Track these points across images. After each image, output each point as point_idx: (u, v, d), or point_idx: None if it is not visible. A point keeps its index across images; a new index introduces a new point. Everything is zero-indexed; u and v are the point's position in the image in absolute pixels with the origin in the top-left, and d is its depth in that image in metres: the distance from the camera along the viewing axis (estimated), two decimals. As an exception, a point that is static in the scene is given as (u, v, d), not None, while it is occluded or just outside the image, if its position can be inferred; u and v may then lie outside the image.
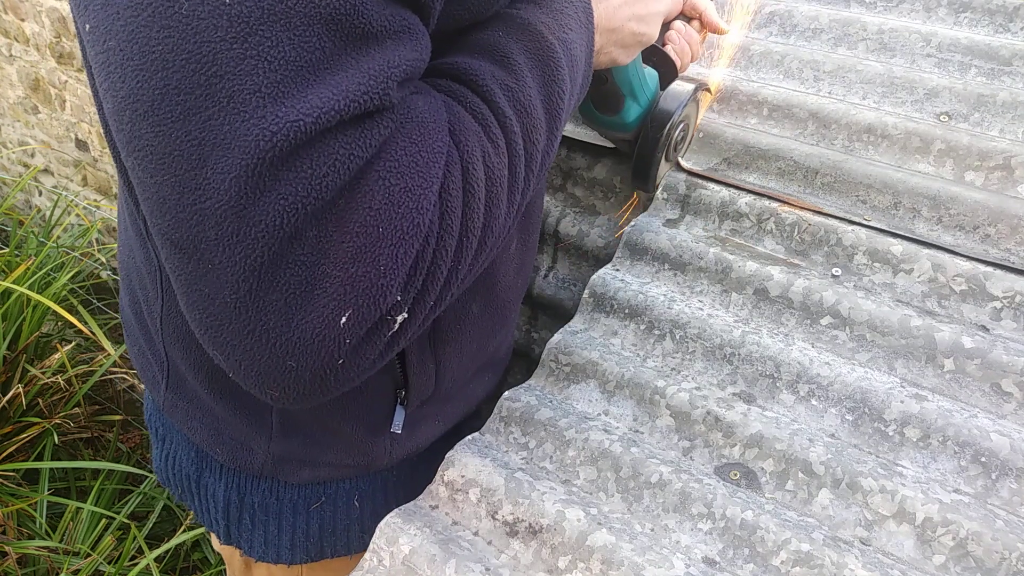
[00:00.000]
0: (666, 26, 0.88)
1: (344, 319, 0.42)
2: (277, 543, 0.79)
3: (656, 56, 0.87)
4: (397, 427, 0.73)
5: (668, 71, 0.87)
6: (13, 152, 3.21)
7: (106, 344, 2.00)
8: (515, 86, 0.51)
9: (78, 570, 1.72)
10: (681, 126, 0.86)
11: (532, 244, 0.80)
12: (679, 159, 0.92)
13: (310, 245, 0.41)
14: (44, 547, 1.79)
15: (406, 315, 0.45)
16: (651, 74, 0.84)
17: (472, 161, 0.47)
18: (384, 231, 0.42)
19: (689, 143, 0.93)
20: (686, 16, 0.88)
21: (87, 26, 0.41)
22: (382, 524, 0.67)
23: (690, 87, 0.84)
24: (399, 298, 0.44)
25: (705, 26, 0.89)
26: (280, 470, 0.74)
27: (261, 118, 0.38)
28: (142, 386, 2.32)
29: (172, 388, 0.75)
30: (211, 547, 1.98)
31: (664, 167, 0.90)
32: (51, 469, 2.03)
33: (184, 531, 1.86)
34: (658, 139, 0.83)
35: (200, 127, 0.39)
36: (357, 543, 0.82)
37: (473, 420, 0.93)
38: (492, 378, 0.86)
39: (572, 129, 0.99)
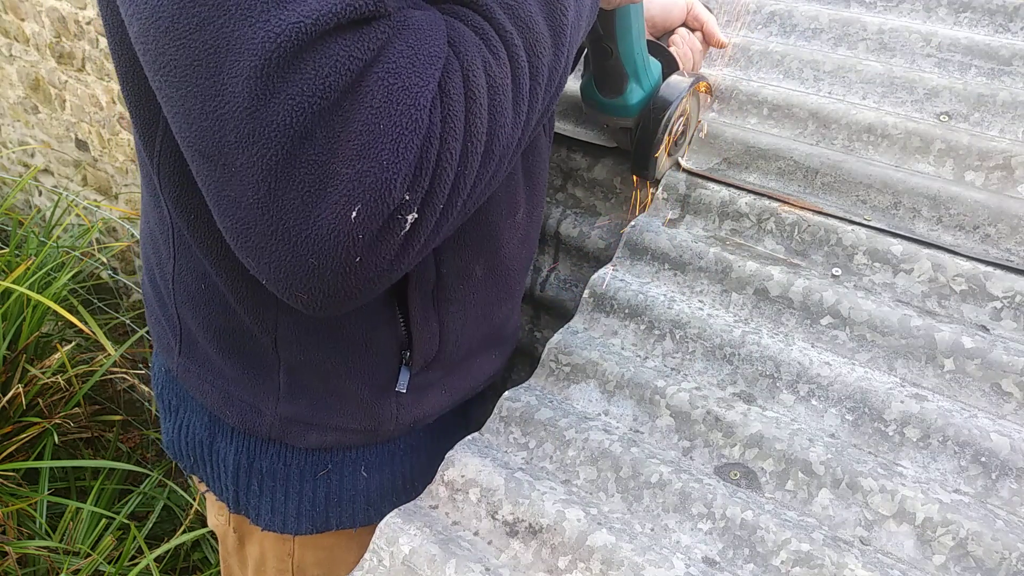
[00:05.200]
0: (670, 32, 0.91)
1: (355, 213, 0.45)
2: (284, 511, 0.80)
3: (661, 55, 0.88)
4: (402, 386, 0.75)
5: (671, 68, 0.89)
6: (13, 152, 3.21)
7: (106, 344, 2.00)
8: (513, 3, 0.53)
9: (78, 570, 1.72)
10: (681, 119, 0.87)
11: (537, 218, 0.81)
12: (679, 159, 0.92)
13: (319, 144, 0.44)
14: (44, 547, 1.79)
15: (416, 215, 0.48)
16: (655, 64, 0.86)
17: (472, 69, 0.49)
18: (385, 127, 0.45)
19: (690, 140, 0.93)
20: (689, 26, 0.90)
21: None
22: (382, 524, 0.67)
23: (689, 79, 0.86)
24: (407, 196, 0.47)
25: (707, 38, 0.93)
26: (288, 433, 0.76)
27: (266, 22, 0.42)
28: (142, 386, 2.32)
29: (185, 352, 0.78)
30: (211, 547, 1.98)
31: (666, 162, 0.91)
32: (51, 469, 2.03)
33: (184, 531, 1.86)
34: (659, 121, 0.84)
35: (214, 35, 0.43)
36: (362, 516, 0.83)
37: (478, 406, 0.93)
38: (498, 358, 0.87)
39: (572, 129, 0.99)
